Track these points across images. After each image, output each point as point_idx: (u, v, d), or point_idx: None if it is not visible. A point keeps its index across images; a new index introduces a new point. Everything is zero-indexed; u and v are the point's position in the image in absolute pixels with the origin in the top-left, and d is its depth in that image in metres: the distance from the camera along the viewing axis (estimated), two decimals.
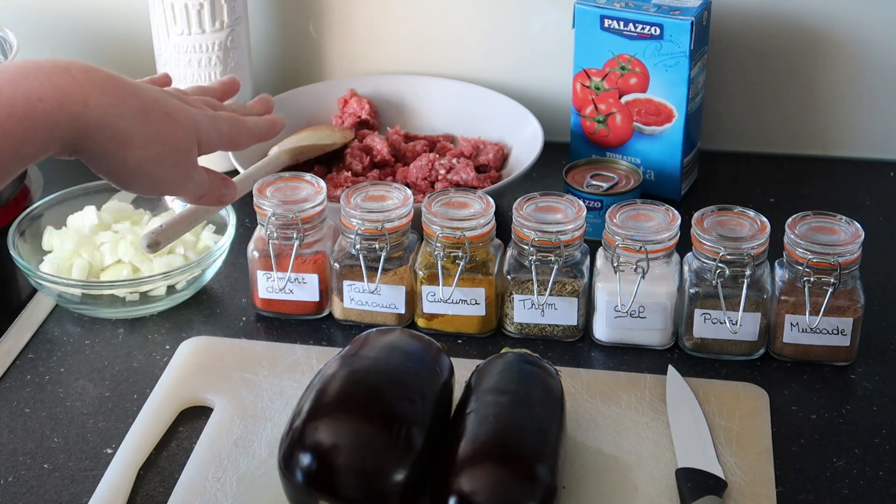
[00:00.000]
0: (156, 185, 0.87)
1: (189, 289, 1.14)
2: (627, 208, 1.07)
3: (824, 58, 1.35)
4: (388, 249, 1.07)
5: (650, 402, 1.00)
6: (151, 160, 0.83)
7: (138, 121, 0.81)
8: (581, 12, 1.25)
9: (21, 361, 1.08)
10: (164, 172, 0.85)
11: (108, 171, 0.83)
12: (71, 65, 0.77)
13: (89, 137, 0.78)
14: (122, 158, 0.81)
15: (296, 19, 1.43)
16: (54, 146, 0.77)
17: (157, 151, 0.83)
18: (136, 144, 0.81)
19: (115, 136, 0.79)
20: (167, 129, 0.83)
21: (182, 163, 0.86)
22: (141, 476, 0.94)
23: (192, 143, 0.86)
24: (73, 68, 0.77)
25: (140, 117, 0.81)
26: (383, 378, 0.89)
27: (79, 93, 0.76)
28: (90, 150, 0.79)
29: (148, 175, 0.84)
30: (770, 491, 0.91)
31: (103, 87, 0.78)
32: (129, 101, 0.80)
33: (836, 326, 1.03)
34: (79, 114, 0.76)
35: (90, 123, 0.77)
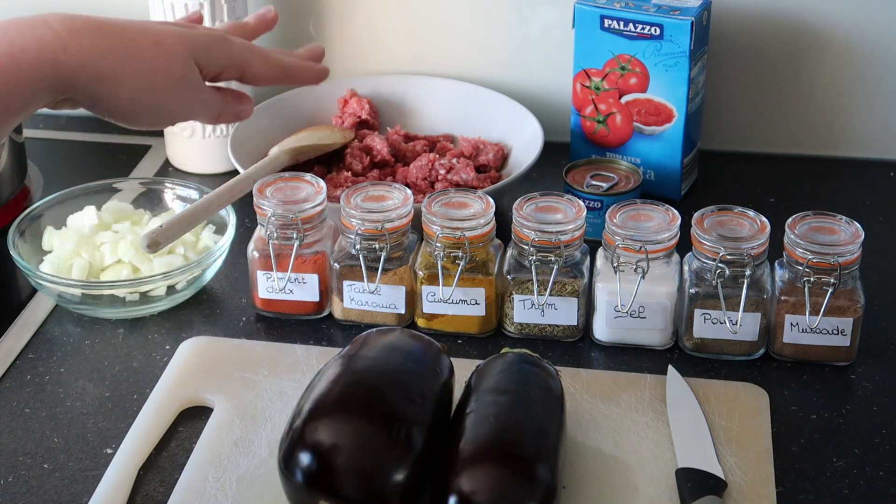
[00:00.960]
0: (161, 115, 0.87)
1: (189, 289, 1.14)
2: (627, 208, 1.07)
3: (824, 58, 1.35)
4: (388, 249, 1.07)
5: (650, 402, 1.00)
6: (146, 91, 0.83)
7: (121, 56, 0.81)
8: (581, 12, 1.25)
9: (21, 361, 1.08)
10: (165, 101, 0.85)
11: (109, 111, 0.83)
12: (49, 16, 0.79)
13: (78, 83, 0.79)
14: (115, 96, 0.82)
15: (296, 19, 1.43)
16: (43, 95, 0.78)
17: (149, 81, 0.83)
18: (124, 79, 0.81)
19: (100, 76, 0.80)
20: (155, 57, 0.83)
21: (181, 87, 0.85)
22: (141, 476, 0.94)
23: (189, 66, 0.86)
24: (50, 19, 0.79)
25: (123, 52, 0.81)
26: (383, 378, 0.89)
27: (57, 40, 0.78)
28: (83, 93, 0.81)
29: (148, 107, 0.84)
30: (770, 491, 0.91)
31: (82, 32, 0.79)
32: (109, 38, 0.81)
33: (836, 326, 1.03)
34: (61, 61, 0.78)
35: (73, 67, 0.78)
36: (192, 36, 0.87)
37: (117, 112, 0.84)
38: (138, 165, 1.39)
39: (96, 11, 1.43)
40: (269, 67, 0.92)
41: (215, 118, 0.91)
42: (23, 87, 0.76)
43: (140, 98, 0.83)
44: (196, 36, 0.87)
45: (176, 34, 0.86)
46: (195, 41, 0.87)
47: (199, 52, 0.87)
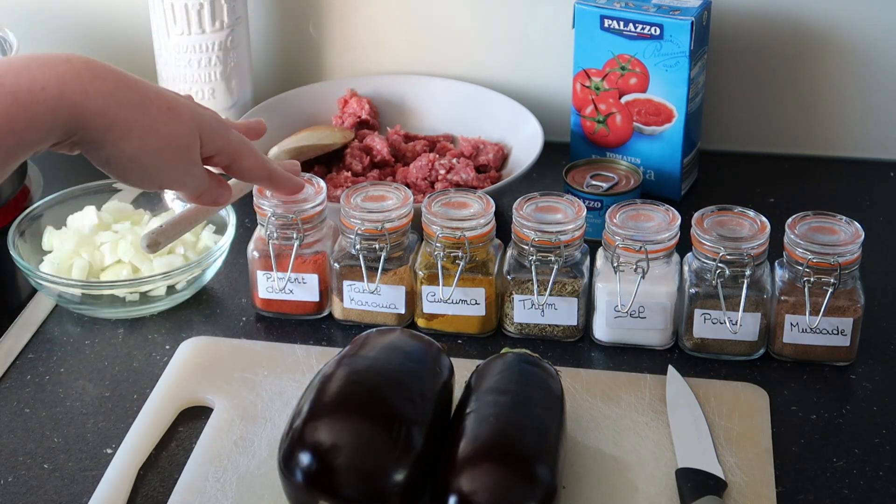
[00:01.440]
0: (153, 178, 0.88)
1: (189, 289, 1.14)
2: (627, 208, 1.07)
3: (824, 58, 1.35)
4: (388, 249, 1.07)
5: (650, 402, 1.00)
6: (149, 151, 0.84)
7: (137, 111, 0.82)
8: (581, 12, 1.25)
9: (21, 361, 1.08)
10: (162, 165, 0.86)
11: (107, 160, 0.84)
12: (72, 56, 0.80)
13: (89, 125, 0.80)
14: (119, 148, 0.83)
15: (296, 19, 1.43)
16: (56, 133, 0.79)
17: (155, 143, 0.84)
18: (133, 134, 0.82)
19: (112, 125, 0.81)
20: (167, 121, 0.85)
21: (181, 158, 0.87)
22: (141, 476, 0.94)
23: (194, 139, 0.87)
24: (73, 59, 0.80)
25: (139, 108, 0.83)
26: (383, 378, 0.89)
27: (78, 82, 0.79)
28: (90, 138, 0.81)
29: (145, 167, 0.85)
30: (770, 491, 0.91)
31: (104, 78, 0.81)
32: (128, 91, 0.82)
33: (836, 326, 1.03)
34: (78, 102, 0.79)
35: (89, 111, 0.79)
36: (200, 113, 0.89)
37: (115, 164, 0.85)
38: None
39: (96, 11, 1.44)
40: (256, 166, 0.95)
41: (196, 196, 0.94)
42: (39, 124, 0.77)
43: (141, 156, 0.84)
44: (204, 114, 0.89)
45: (187, 106, 0.88)
46: (203, 118, 0.89)
47: (204, 130, 0.88)
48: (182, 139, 0.86)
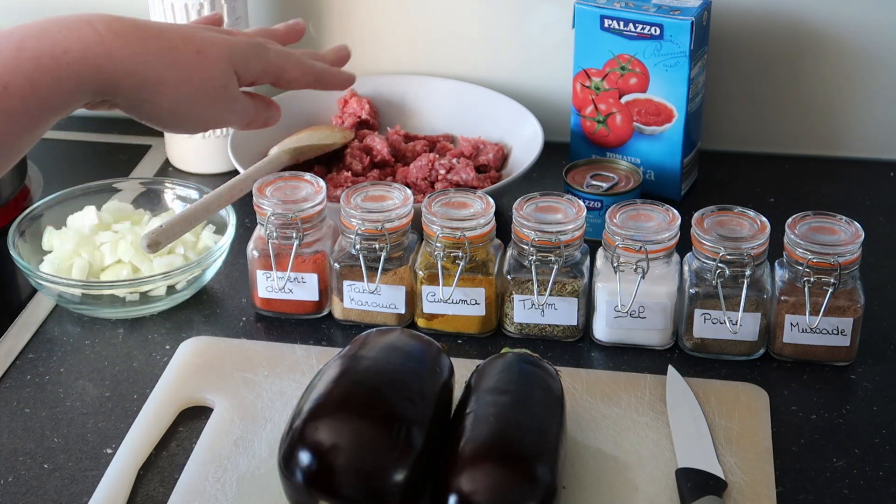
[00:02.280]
0: (197, 122, 0.87)
1: (189, 289, 1.14)
2: (627, 208, 1.07)
3: (824, 58, 1.35)
4: (388, 249, 1.07)
5: (650, 402, 1.00)
6: (186, 100, 0.83)
7: (165, 64, 0.81)
8: (581, 12, 1.25)
9: (21, 361, 1.08)
10: (202, 109, 0.85)
11: (148, 116, 0.84)
12: (94, 17, 0.79)
13: (119, 86, 0.79)
14: (155, 102, 0.82)
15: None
16: (83, 96, 0.78)
17: (190, 90, 0.83)
18: (166, 87, 0.81)
19: (144, 83, 0.80)
20: (197, 67, 0.84)
21: (219, 98, 0.86)
22: (141, 476, 0.94)
23: (228, 76, 0.86)
24: (95, 21, 0.78)
25: (167, 60, 0.81)
26: (383, 378, 0.89)
27: (102, 44, 0.77)
28: (123, 97, 0.81)
29: (186, 114, 0.85)
30: (770, 491, 0.91)
31: (127, 36, 0.79)
32: (154, 45, 0.81)
33: (836, 326, 1.03)
34: (104, 64, 0.78)
35: (117, 72, 0.78)
36: (232, 44, 0.87)
37: (155, 118, 0.84)
38: (138, 165, 1.39)
39: (95, 10, 1.44)
40: (302, 73, 0.93)
41: (246, 125, 0.92)
42: (64, 87, 0.76)
43: (179, 106, 0.84)
44: (236, 44, 0.87)
45: (217, 43, 0.86)
46: (235, 50, 0.87)
47: (238, 61, 0.87)
48: (216, 80, 0.85)
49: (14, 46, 0.74)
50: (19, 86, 0.73)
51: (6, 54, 0.74)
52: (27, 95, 0.74)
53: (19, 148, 0.77)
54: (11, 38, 0.75)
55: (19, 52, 0.74)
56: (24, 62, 0.74)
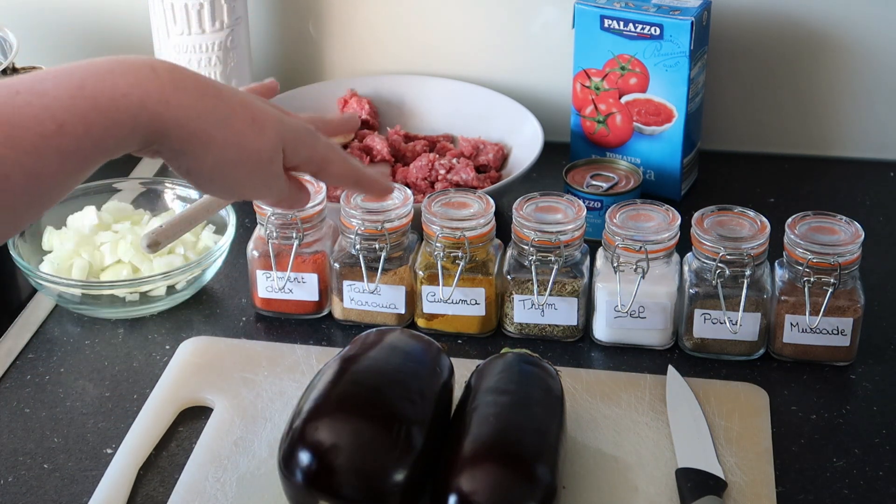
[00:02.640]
0: (233, 190, 0.87)
1: (189, 289, 1.14)
2: (627, 208, 1.07)
3: (824, 58, 1.35)
4: (388, 249, 1.07)
5: (650, 402, 1.00)
6: (229, 164, 0.83)
7: (219, 123, 0.81)
8: (581, 12, 1.25)
9: (21, 361, 1.08)
10: (242, 178, 0.84)
11: (187, 170, 0.83)
12: (157, 64, 0.79)
13: (169, 136, 0.79)
14: (199, 159, 0.82)
15: (296, 19, 1.43)
16: (134, 141, 0.78)
17: (236, 156, 0.83)
18: (214, 146, 0.81)
19: (193, 137, 0.80)
20: (250, 134, 0.83)
21: (262, 171, 0.85)
22: (141, 476, 0.94)
23: (276, 153, 0.85)
24: (158, 68, 0.78)
25: (221, 120, 0.81)
26: (383, 378, 0.89)
27: (160, 92, 0.77)
28: (170, 148, 0.80)
29: (225, 178, 0.84)
30: (770, 491, 0.91)
31: (186, 89, 0.79)
32: (211, 103, 0.80)
33: (836, 326, 1.03)
34: (160, 113, 0.77)
35: (170, 122, 0.78)
36: (286, 123, 0.87)
37: (195, 173, 0.84)
38: (138, 165, 1.39)
39: (96, 11, 1.44)
40: (345, 172, 0.92)
41: (276, 203, 0.92)
42: (118, 130, 0.76)
43: (221, 168, 0.83)
44: (290, 124, 0.87)
45: (273, 118, 0.85)
46: (288, 130, 0.87)
47: (288, 141, 0.86)
48: (264, 153, 0.84)
49: (75, 85, 0.74)
50: (74, 126, 0.73)
51: (65, 93, 0.73)
52: (81, 136, 0.74)
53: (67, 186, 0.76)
54: (73, 76, 0.75)
55: (79, 91, 0.74)
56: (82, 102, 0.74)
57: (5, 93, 0.72)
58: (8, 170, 0.70)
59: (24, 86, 0.73)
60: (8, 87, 0.72)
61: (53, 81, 0.74)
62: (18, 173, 0.71)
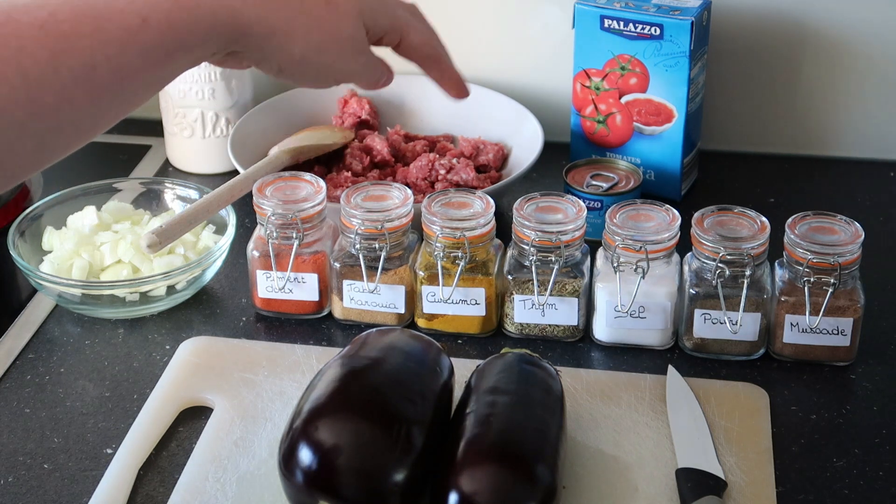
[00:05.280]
0: (327, 74, 0.88)
1: (189, 289, 1.14)
2: (627, 208, 1.07)
3: (824, 58, 1.35)
4: (388, 249, 1.07)
5: (650, 402, 1.00)
6: (315, 49, 0.84)
7: (295, 12, 0.82)
8: (581, 12, 1.25)
9: (21, 361, 1.08)
10: (332, 60, 0.86)
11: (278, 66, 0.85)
12: None
13: (250, 34, 0.80)
14: (286, 51, 0.83)
15: None
16: (215, 40, 0.79)
17: (320, 39, 0.84)
18: (296, 35, 0.83)
19: (274, 30, 0.81)
20: (327, 16, 0.84)
21: (349, 48, 0.86)
22: (141, 476, 0.94)
23: (358, 27, 0.87)
24: None
25: (296, 8, 0.83)
26: (383, 378, 0.89)
27: None
28: (253, 47, 0.82)
29: (315, 65, 0.85)
30: (770, 491, 0.91)
31: None
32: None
33: (836, 326, 1.03)
34: (238, 8, 0.79)
35: (249, 18, 0.80)
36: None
37: (286, 67, 0.85)
38: (138, 165, 1.39)
39: None
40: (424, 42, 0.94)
41: (374, 83, 0.93)
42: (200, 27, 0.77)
43: (309, 55, 0.84)
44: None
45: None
46: (365, 2, 0.88)
47: (367, 14, 0.88)
48: (345, 30, 0.86)
49: None
50: (158, 21, 0.74)
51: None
52: (164, 31, 0.75)
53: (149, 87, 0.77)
54: None
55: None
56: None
57: None
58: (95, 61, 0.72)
59: None
60: None
61: None
62: (104, 66, 0.72)
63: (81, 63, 0.71)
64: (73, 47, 0.71)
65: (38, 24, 0.70)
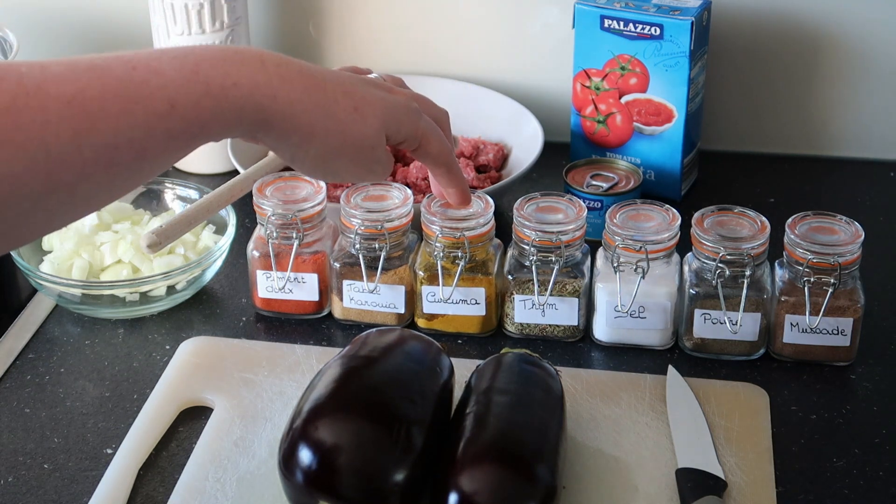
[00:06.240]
0: (337, 174, 0.89)
1: (189, 289, 1.14)
2: (627, 208, 1.07)
3: (824, 58, 1.35)
4: (388, 249, 1.07)
5: (650, 402, 1.00)
6: (332, 152, 0.85)
7: (321, 115, 0.83)
8: (581, 12, 1.25)
9: (21, 361, 1.08)
10: (346, 164, 0.87)
11: (291, 158, 0.86)
12: (266, 57, 0.80)
13: (273, 127, 0.81)
14: (303, 149, 0.84)
15: (296, 19, 1.43)
16: (238, 129, 0.80)
17: (339, 144, 0.84)
18: (317, 137, 0.83)
19: (297, 128, 0.82)
20: (352, 124, 0.85)
21: (366, 156, 0.87)
22: (141, 476, 0.94)
23: (379, 138, 0.87)
24: (266, 60, 0.80)
25: (323, 111, 0.83)
26: (383, 378, 0.89)
27: (268, 86, 0.79)
28: (273, 138, 0.82)
29: (328, 165, 0.86)
30: (770, 491, 0.91)
31: (292, 82, 0.81)
32: (316, 96, 0.82)
33: (836, 326, 1.03)
34: (266, 105, 0.79)
35: (275, 115, 0.80)
36: (388, 105, 0.88)
37: (298, 161, 0.86)
38: None
39: (96, 11, 1.44)
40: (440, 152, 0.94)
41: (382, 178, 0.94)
42: (225, 118, 0.77)
43: (324, 156, 0.85)
44: (392, 105, 0.88)
45: (375, 103, 0.87)
46: (390, 111, 0.88)
47: (391, 123, 0.88)
48: (367, 140, 0.86)
49: (189, 69, 0.75)
50: (186, 108, 0.74)
51: (180, 75, 0.74)
52: (191, 119, 0.75)
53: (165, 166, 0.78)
54: (188, 59, 0.76)
55: (193, 76, 0.75)
56: (196, 86, 0.75)
57: (122, 68, 0.73)
58: (118, 142, 0.71)
59: (140, 62, 0.73)
60: (123, 63, 0.73)
61: (169, 62, 0.75)
62: (127, 147, 0.72)
63: (104, 143, 0.71)
64: (98, 127, 0.70)
65: (67, 98, 0.69)
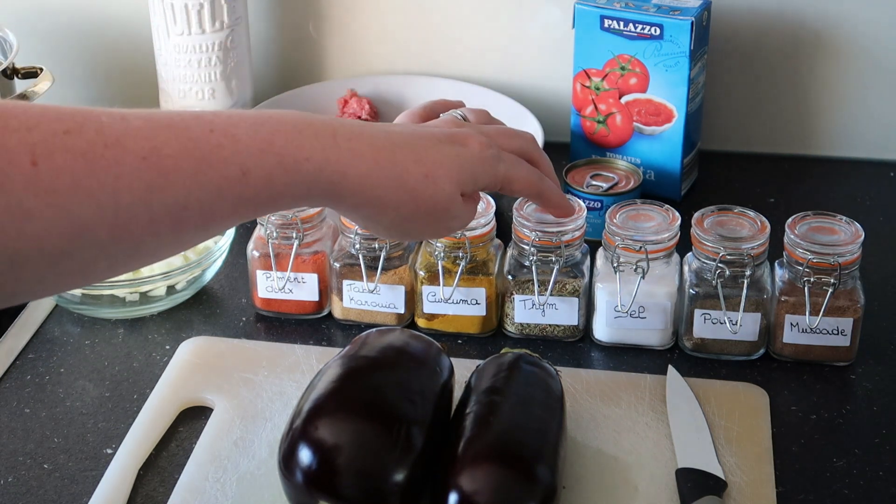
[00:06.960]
0: (414, 236, 0.89)
1: (189, 289, 1.14)
2: (627, 208, 1.07)
3: (824, 58, 1.35)
4: (388, 249, 1.07)
5: (650, 402, 1.00)
6: (405, 218, 0.84)
7: (392, 186, 0.82)
8: (581, 12, 1.25)
9: (21, 361, 1.08)
10: (420, 227, 0.86)
11: (363, 225, 0.86)
12: (339, 131, 0.79)
13: (344, 200, 0.80)
14: (376, 219, 0.83)
15: (296, 19, 1.43)
16: (309, 200, 0.79)
17: (411, 210, 0.84)
18: (390, 207, 0.82)
19: (368, 202, 0.81)
20: (423, 190, 0.83)
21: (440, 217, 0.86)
22: (141, 476, 0.94)
23: (453, 199, 0.86)
24: (339, 136, 0.79)
25: (395, 182, 0.82)
26: (383, 378, 0.89)
27: (338, 162, 0.78)
28: (345, 209, 0.83)
29: (404, 229, 0.86)
30: (770, 491, 0.91)
31: (363, 157, 0.80)
32: (387, 169, 0.81)
33: (836, 326, 1.03)
34: (337, 180, 0.79)
35: (346, 189, 0.79)
36: (462, 162, 0.86)
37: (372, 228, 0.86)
38: None
39: (96, 11, 1.44)
40: (527, 186, 0.92)
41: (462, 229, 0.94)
42: (296, 189, 0.77)
43: (397, 223, 0.85)
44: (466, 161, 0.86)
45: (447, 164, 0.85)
46: (465, 169, 0.86)
47: (466, 181, 0.86)
48: (440, 204, 0.85)
49: (264, 139, 0.75)
50: (258, 177, 0.74)
51: (255, 144, 0.74)
52: (261, 188, 0.75)
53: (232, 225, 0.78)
54: (262, 129, 0.75)
55: (268, 146, 0.75)
56: (270, 157, 0.75)
57: (200, 129, 0.72)
58: (188, 202, 0.71)
59: (219, 126, 0.73)
60: (202, 123, 0.73)
61: (246, 129, 0.74)
62: (196, 208, 0.72)
63: (174, 201, 0.70)
64: (170, 185, 0.70)
65: (143, 154, 0.69)
